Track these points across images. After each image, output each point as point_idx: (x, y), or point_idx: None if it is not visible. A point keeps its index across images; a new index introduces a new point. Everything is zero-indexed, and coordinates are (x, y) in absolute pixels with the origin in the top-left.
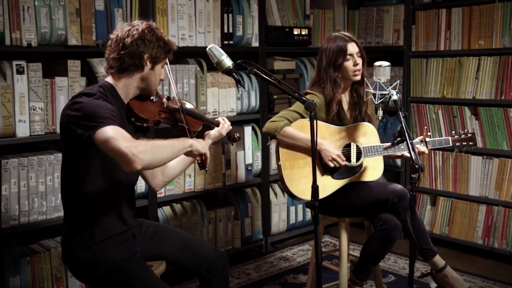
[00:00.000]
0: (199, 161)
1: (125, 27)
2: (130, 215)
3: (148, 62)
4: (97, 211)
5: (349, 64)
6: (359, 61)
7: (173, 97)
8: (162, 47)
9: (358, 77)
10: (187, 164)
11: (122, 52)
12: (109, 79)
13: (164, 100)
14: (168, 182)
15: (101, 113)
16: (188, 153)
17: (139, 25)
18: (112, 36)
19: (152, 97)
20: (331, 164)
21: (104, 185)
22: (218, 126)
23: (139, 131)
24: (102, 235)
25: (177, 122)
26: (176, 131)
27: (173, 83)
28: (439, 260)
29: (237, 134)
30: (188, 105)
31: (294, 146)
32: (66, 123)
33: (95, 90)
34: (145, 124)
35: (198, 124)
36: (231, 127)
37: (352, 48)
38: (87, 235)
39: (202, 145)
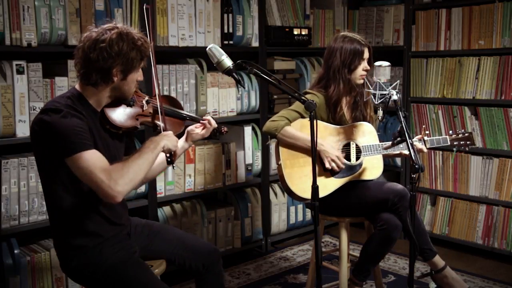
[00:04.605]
0: (167, 156)
1: (93, 34)
2: (120, 214)
3: (118, 75)
4: (83, 219)
5: (360, 68)
6: (368, 67)
7: (154, 95)
8: (133, 57)
9: (362, 81)
10: (166, 165)
11: (89, 66)
12: (78, 87)
13: (144, 102)
14: (147, 182)
15: (70, 137)
16: None
17: (108, 34)
18: (79, 44)
19: (129, 101)
20: (329, 166)
21: (85, 191)
22: (200, 122)
23: (116, 137)
24: (94, 240)
25: (157, 126)
26: (156, 133)
27: (156, 83)
28: (438, 260)
29: (225, 128)
30: (168, 105)
31: (294, 145)
32: (34, 139)
33: (63, 104)
34: (121, 131)
35: (180, 124)
36: (216, 125)
37: (366, 53)
38: (79, 244)
39: (172, 143)
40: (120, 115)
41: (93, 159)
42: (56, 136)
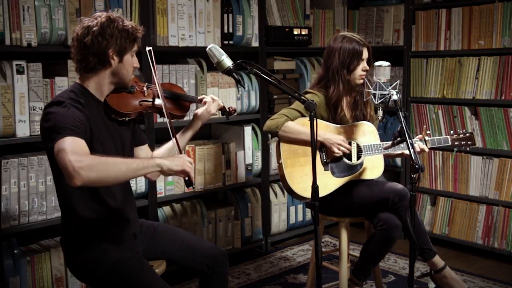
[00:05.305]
0: (186, 180)
1: (85, 23)
2: (129, 214)
3: (114, 57)
4: (91, 216)
5: (359, 68)
6: (367, 67)
7: (155, 81)
8: (126, 38)
9: (361, 81)
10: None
11: (85, 52)
12: (79, 80)
13: (145, 88)
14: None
15: (62, 123)
16: (164, 173)
17: (98, 19)
18: (73, 35)
19: (130, 88)
20: (338, 151)
21: (96, 188)
22: (201, 101)
23: (122, 124)
24: (101, 237)
25: (161, 109)
26: (162, 117)
27: (153, 68)
28: (438, 260)
29: (232, 107)
30: (169, 89)
31: (296, 141)
32: (43, 136)
33: (65, 97)
34: (127, 119)
35: (184, 106)
36: (222, 103)
37: (365, 53)
38: (85, 238)
39: (176, 162)
40: (123, 102)
41: (73, 143)
42: (52, 125)
